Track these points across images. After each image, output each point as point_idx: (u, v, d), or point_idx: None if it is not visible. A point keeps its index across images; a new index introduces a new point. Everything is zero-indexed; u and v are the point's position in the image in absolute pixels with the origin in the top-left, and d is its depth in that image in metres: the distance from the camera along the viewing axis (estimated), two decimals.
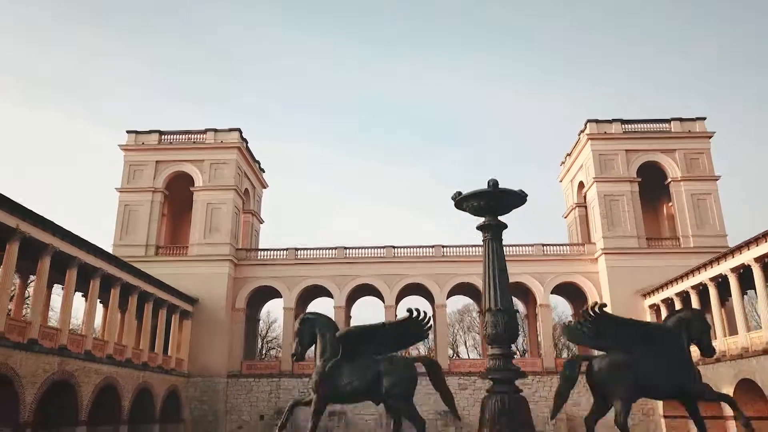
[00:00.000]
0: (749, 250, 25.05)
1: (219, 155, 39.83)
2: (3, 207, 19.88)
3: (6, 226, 20.31)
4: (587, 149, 39.79)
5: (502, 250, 8.45)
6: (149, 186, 39.16)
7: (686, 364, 8.85)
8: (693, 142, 38.94)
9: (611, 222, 37.64)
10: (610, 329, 8.56)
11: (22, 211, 20.79)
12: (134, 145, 40.17)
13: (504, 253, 8.54)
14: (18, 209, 20.59)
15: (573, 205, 43.18)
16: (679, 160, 38.49)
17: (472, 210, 8.32)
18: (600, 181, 38.54)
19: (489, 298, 8.32)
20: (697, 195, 37.77)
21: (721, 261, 27.58)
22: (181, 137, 40.76)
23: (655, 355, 8.67)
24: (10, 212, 20.31)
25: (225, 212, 38.77)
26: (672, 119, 39.61)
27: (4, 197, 19.71)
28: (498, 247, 8.26)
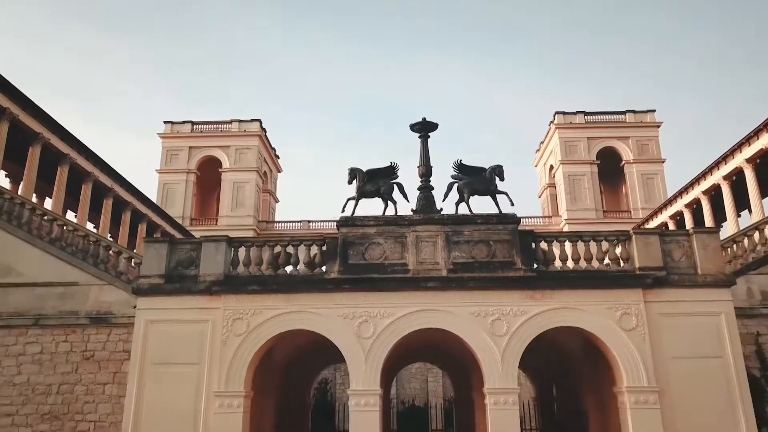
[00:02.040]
0: (681, 198, 34.50)
1: (243, 142, 48.17)
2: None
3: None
4: (555, 137, 48.16)
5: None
6: (184, 168, 47.48)
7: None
8: (644, 131, 47.35)
9: (574, 198, 46.00)
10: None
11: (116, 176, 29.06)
12: (170, 133, 48.50)
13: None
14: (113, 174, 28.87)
15: (545, 186, 51.54)
16: (632, 145, 46.88)
17: (417, 129, 15.21)
18: (565, 163, 46.91)
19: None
20: (646, 175, 46.16)
21: (659, 213, 36.64)
22: (210, 127, 49.10)
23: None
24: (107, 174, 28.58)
25: (248, 190, 47.09)
26: (627, 111, 48.02)
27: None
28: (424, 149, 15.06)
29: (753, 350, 15.26)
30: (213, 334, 12.03)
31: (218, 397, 11.64)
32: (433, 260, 12.44)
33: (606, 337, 11.84)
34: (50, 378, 15.66)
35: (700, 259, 12.32)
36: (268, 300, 12.19)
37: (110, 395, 15.51)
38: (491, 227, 12.64)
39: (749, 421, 11.41)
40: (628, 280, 12.05)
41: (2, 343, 15.97)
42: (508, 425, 11.33)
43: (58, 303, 16.28)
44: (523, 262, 12.26)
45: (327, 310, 12.10)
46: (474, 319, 11.91)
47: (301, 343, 15.12)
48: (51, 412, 15.39)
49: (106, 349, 15.90)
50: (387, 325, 11.97)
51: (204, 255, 12.60)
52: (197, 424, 11.58)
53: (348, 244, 12.65)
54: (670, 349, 11.69)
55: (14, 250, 16.80)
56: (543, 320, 11.96)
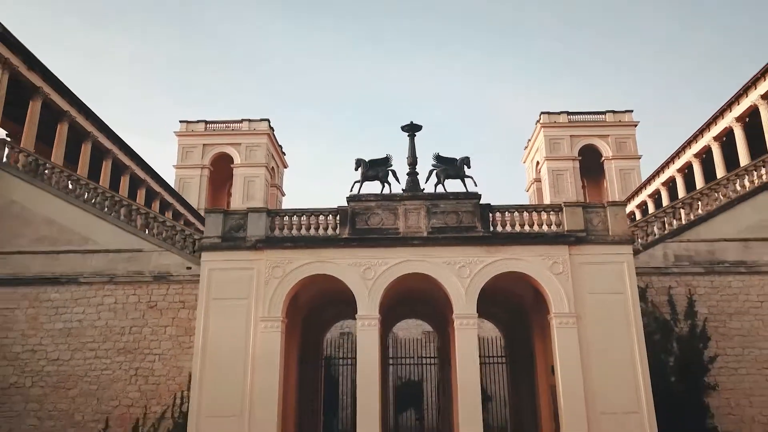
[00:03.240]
0: (659, 177, 39.31)
1: (253, 140, 53.03)
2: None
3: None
4: (541, 135, 53.04)
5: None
6: (198, 163, 52.34)
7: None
8: (622, 130, 52.21)
9: (557, 191, 50.86)
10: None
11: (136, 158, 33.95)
12: (186, 132, 53.35)
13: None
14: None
15: (532, 180, 56.43)
16: (611, 143, 51.76)
17: (407, 129, 20.26)
18: (550, 159, 51.78)
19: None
20: (623, 170, 51.04)
21: (639, 193, 41.63)
22: (222, 126, 53.96)
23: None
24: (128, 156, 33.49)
25: (258, 184, 51.96)
26: (607, 111, 52.89)
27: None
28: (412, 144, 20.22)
29: (666, 299, 20.30)
30: (258, 277, 16.98)
31: (263, 321, 16.58)
32: (417, 225, 17.39)
33: (541, 279, 16.77)
34: (123, 322, 20.63)
35: (611, 224, 17.28)
36: (297, 253, 17.14)
37: (170, 335, 20.49)
38: (460, 201, 17.60)
39: (639, 337, 16.35)
40: (558, 239, 16.98)
41: (85, 295, 20.94)
42: (469, 339, 16.31)
43: (127, 265, 21.25)
44: (482, 226, 17.22)
45: (341, 260, 17.04)
46: (446, 266, 16.85)
47: (317, 294, 20.07)
48: (125, 348, 20.36)
49: (166, 300, 20.87)
50: (384, 270, 16.91)
51: (250, 222, 17.55)
52: (248, 340, 16.53)
53: (355, 214, 17.60)
54: (586, 287, 16.63)
55: (90, 225, 21.76)
56: (496, 267, 16.90)
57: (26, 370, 20.26)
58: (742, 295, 20.29)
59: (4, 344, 20.52)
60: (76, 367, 20.23)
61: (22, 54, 24.38)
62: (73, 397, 19.95)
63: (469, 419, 15.95)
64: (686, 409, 18.69)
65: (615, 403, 15.82)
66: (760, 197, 21.22)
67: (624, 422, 15.64)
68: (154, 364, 20.19)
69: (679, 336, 19.77)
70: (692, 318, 19.99)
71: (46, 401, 19.94)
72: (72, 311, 20.80)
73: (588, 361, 16.09)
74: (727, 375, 19.47)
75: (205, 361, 16.50)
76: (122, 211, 22.18)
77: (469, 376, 16.19)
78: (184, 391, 19.49)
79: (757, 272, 20.37)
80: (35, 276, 21.09)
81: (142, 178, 34.97)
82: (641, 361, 16.13)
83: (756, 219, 21.00)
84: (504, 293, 20.19)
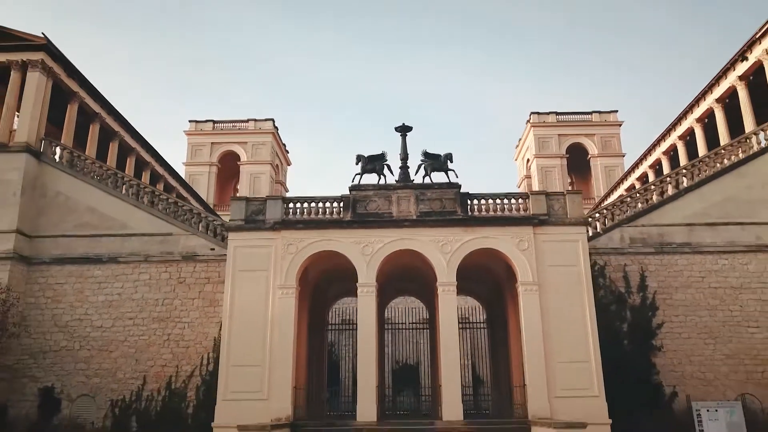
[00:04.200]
0: (645, 163, 42.62)
1: (258, 138, 56.83)
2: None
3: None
4: (531, 134, 56.84)
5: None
6: (207, 161, 56.14)
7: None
8: (607, 129, 56.02)
9: (546, 187, 54.31)
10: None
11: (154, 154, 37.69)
12: (195, 131, 57.15)
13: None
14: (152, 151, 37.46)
15: (523, 177, 60.20)
16: (597, 142, 55.55)
17: (400, 129, 24.12)
18: (539, 157, 55.57)
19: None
20: (608, 167, 54.80)
21: (618, 187, 45.01)
22: (229, 125, 57.74)
23: None
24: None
25: (263, 180, 55.73)
26: (593, 112, 56.69)
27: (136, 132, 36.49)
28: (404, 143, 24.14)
29: (622, 275, 24.06)
30: (275, 252, 20.74)
31: (280, 288, 20.35)
32: (408, 210, 21.14)
33: (510, 254, 20.53)
34: (157, 295, 24.40)
35: (569, 209, 21.04)
36: (308, 233, 20.90)
37: (197, 306, 24.25)
38: (443, 190, 21.37)
39: (590, 301, 20.11)
40: (524, 221, 20.74)
41: (124, 272, 24.72)
42: (450, 302, 20.12)
43: (159, 246, 25.01)
44: (462, 211, 20.99)
45: (344, 239, 20.80)
46: (431, 244, 20.61)
47: (323, 272, 23.80)
48: (159, 317, 24.12)
49: (193, 276, 24.63)
50: (380, 247, 20.67)
51: (268, 207, 21.32)
52: (267, 303, 20.31)
53: (356, 201, 21.36)
54: (547, 260, 20.38)
55: (127, 212, 25.52)
56: (472, 244, 20.66)
57: (75, 335, 24.03)
58: (686, 271, 24.07)
59: (55, 314, 24.30)
60: (117, 333, 24.01)
61: (62, 63, 28.07)
62: (115, 358, 23.72)
63: (450, 375, 19.71)
64: (636, 367, 22.47)
65: (569, 355, 19.57)
66: (704, 188, 24.98)
67: (576, 369, 19.40)
68: (184, 331, 23.96)
69: (632, 306, 23.55)
70: (644, 291, 23.75)
71: (92, 362, 23.71)
72: (113, 286, 24.57)
73: (547, 320, 19.85)
74: (672, 339, 23.23)
75: (232, 321, 20.27)
76: (154, 200, 25.93)
77: (450, 333, 19.98)
78: (209, 353, 23.28)
79: (699, 252, 24.14)
80: (80, 256, 24.87)
81: (160, 173, 38.70)
82: (591, 320, 19.89)
83: (700, 207, 24.76)
84: (483, 270, 23.94)
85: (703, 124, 32.97)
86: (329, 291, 26.95)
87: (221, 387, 19.74)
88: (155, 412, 22.84)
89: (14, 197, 24.91)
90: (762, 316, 23.34)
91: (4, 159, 25.39)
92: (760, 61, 26.92)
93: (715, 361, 23.00)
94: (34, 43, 26.87)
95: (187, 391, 23.04)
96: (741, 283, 23.78)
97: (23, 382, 23.49)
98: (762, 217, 24.45)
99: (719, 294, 23.70)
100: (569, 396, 19.03)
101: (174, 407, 22.86)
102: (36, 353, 23.79)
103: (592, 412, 18.46)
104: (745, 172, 25.13)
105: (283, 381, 19.50)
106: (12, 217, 24.68)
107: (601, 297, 23.34)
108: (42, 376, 23.58)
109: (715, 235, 24.33)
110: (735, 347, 23.09)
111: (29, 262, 24.77)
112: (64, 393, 23.36)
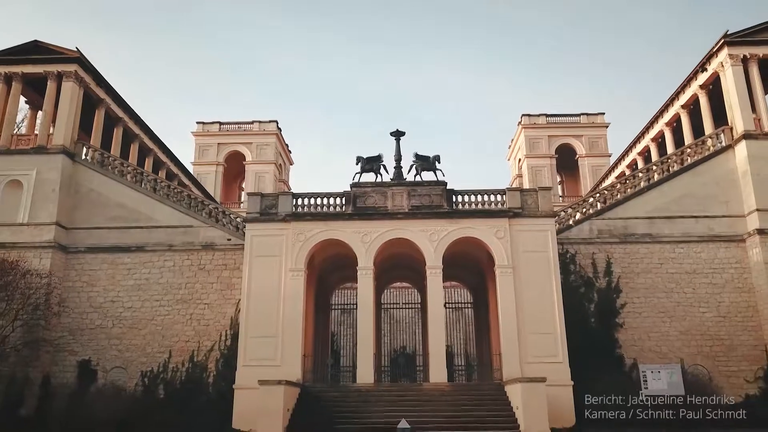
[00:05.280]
0: (623, 162, 46.07)
1: (262, 139, 60.39)
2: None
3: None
4: (522, 135, 60.43)
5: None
6: (213, 161, 59.69)
7: None
8: (594, 130, 59.59)
9: (535, 185, 57.82)
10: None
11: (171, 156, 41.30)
12: (202, 132, 60.72)
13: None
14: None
15: (515, 176, 63.77)
16: (585, 142, 59.13)
17: (394, 134, 27.77)
18: (529, 157, 59.17)
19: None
20: (595, 167, 58.34)
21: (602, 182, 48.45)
22: (234, 126, 61.34)
23: None
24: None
25: (267, 179, 59.26)
26: (581, 114, 60.32)
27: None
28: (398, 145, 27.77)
29: (590, 262, 27.69)
30: (287, 240, 24.39)
31: (291, 271, 24.00)
32: (401, 204, 24.78)
33: (489, 242, 24.18)
34: (180, 279, 28.00)
35: (540, 203, 24.69)
36: (314, 224, 24.56)
37: (216, 289, 27.86)
38: (432, 188, 25.02)
39: (557, 282, 23.78)
40: (501, 214, 24.38)
41: (150, 260, 28.34)
42: (437, 283, 23.84)
43: (182, 237, 28.63)
44: (448, 205, 24.67)
45: (346, 229, 24.46)
46: (421, 233, 24.26)
47: (327, 260, 27.42)
48: (182, 299, 27.73)
49: (212, 263, 28.24)
50: (376, 236, 24.32)
51: (280, 202, 24.98)
52: (280, 284, 23.98)
53: (356, 196, 24.99)
54: (520, 247, 24.03)
55: (153, 207, 29.13)
56: (456, 234, 24.35)
57: (108, 315, 27.65)
58: (646, 259, 27.72)
59: (90, 296, 27.92)
60: (145, 313, 27.63)
61: (92, 73, 31.66)
62: (144, 335, 27.34)
63: (437, 345, 23.40)
64: (602, 341, 26.12)
65: (538, 327, 23.22)
66: (664, 186, 28.65)
67: (544, 339, 23.05)
68: (204, 311, 27.57)
69: (599, 289, 27.20)
70: (609, 276, 27.40)
71: (124, 338, 27.33)
72: (140, 271, 28.20)
73: (520, 298, 23.51)
74: (633, 317, 26.88)
75: (250, 299, 23.93)
76: (177, 197, 29.57)
77: (437, 310, 23.71)
78: (227, 330, 26.90)
79: (658, 242, 27.80)
80: (112, 245, 28.51)
81: (174, 172, 42.28)
82: (557, 298, 23.55)
83: (660, 202, 28.42)
84: (469, 259, 27.60)
85: (672, 127, 36.49)
86: (332, 277, 30.58)
87: (241, 355, 23.39)
88: (180, 381, 26.45)
89: (53, 194, 28.54)
90: (711, 298, 27.03)
91: (44, 160, 29.03)
92: (717, 72, 30.51)
93: (670, 337, 26.66)
94: (68, 56, 30.51)
95: (208, 363, 26.67)
96: (694, 269, 27.45)
97: (63, 355, 27.10)
98: (714, 211, 28.14)
99: (675, 278, 27.37)
100: (538, 362, 22.68)
101: (196, 377, 26.48)
102: (74, 330, 27.40)
103: (558, 376, 22.13)
104: (700, 171, 28.82)
105: (294, 350, 23.17)
106: (52, 210, 28.31)
107: (572, 281, 27.07)
108: (80, 350, 27.20)
109: (673, 227, 27.99)
110: (688, 325, 26.76)
111: (67, 251, 28.39)
112: (100, 365, 26.98)
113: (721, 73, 30.22)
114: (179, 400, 25.26)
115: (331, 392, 22.93)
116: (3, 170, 29.03)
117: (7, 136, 30.10)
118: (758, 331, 26.55)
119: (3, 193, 28.69)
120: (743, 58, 29.49)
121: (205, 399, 25.41)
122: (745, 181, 28.01)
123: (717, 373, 25.96)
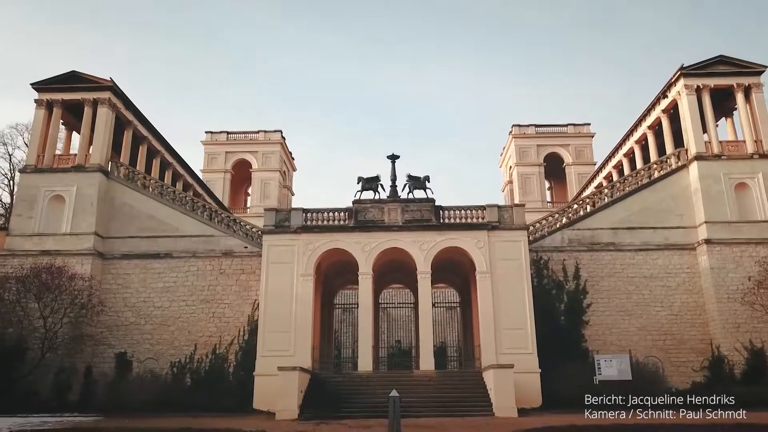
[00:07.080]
0: (601, 173, 50.42)
1: (268, 148, 64.96)
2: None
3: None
4: (512, 144, 65.02)
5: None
6: (221, 168, 64.25)
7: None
8: (581, 140, 64.18)
9: (525, 192, 62.77)
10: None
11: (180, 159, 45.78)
12: (210, 141, 65.29)
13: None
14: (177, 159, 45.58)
15: (506, 182, 68.39)
16: (571, 151, 63.72)
17: (390, 157, 32.36)
18: (519, 165, 63.74)
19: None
20: (581, 174, 62.86)
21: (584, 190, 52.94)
22: (241, 136, 65.89)
23: None
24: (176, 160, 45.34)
25: (272, 186, 63.87)
26: (568, 124, 64.88)
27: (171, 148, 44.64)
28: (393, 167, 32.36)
29: (561, 267, 32.25)
30: (298, 250, 28.97)
31: (302, 276, 28.59)
32: (396, 219, 29.36)
33: (471, 251, 28.77)
34: (203, 282, 32.55)
35: (515, 217, 29.29)
36: (321, 236, 29.15)
37: (235, 291, 32.40)
38: (422, 204, 29.63)
39: (528, 285, 28.37)
40: (482, 227, 28.97)
41: (177, 265, 32.88)
42: (426, 286, 28.49)
43: (205, 245, 33.18)
44: (436, 219, 29.28)
45: (348, 240, 29.04)
46: (413, 243, 28.87)
47: (332, 266, 31.96)
48: (205, 299, 32.29)
49: (231, 268, 32.78)
50: (375, 246, 28.92)
51: (292, 216, 29.56)
52: (293, 287, 28.58)
53: (357, 211, 29.57)
54: (497, 255, 28.62)
55: (179, 219, 33.67)
56: (443, 243, 28.96)
57: (141, 314, 32.19)
58: (610, 264, 32.30)
59: (125, 297, 32.46)
60: (173, 312, 32.16)
61: (122, 99, 36.18)
62: (172, 331, 31.88)
63: (426, 337, 27.95)
64: (570, 336, 30.68)
65: (512, 324, 27.78)
66: (627, 200, 33.25)
67: (516, 334, 27.63)
68: (225, 310, 32.09)
69: (568, 291, 31.77)
70: (577, 279, 31.96)
71: (155, 333, 31.86)
72: (169, 275, 32.73)
73: (497, 299, 28.08)
74: (597, 315, 31.45)
75: (267, 299, 28.51)
76: (200, 210, 34.13)
77: (426, 308, 28.38)
78: (245, 326, 31.42)
79: (621, 250, 32.38)
80: (143, 252, 33.05)
81: (190, 182, 46.83)
82: (528, 299, 28.13)
83: (623, 215, 33.01)
84: (456, 264, 32.17)
85: (641, 144, 41.07)
86: (336, 281, 35.18)
87: (260, 347, 27.96)
88: (204, 370, 30.99)
89: (92, 207, 33.08)
90: (666, 299, 31.62)
91: (83, 177, 33.58)
92: (675, 100, 35.06)
93: (629, 333, 31.25)
94: (102, 84, 35.05)
95: (228, 355, 31.19)
96: (651, 273, 32.05)
97: (102, 348, 31.64)
98: (670, 222, 32.73)
99: (634, 282, 31.95)
100: (511, 353, 27.20)
101: (218, 367, 31.01)
102: (111, 327, 31.93)
103: (528, 365, 26.71)
104: (658, 188, 33.43)
105: (305, 342, 27.74)
106: (90, 221, 32.87)
107: (545, 284, 31.65)
108: (117, 344, 31.73)
109: (634, 237, 32.58)
110: (645, 322, 31.34)
111: (104, 257, 32.95)
112: (134, 357, 31.51)
113: (679, 101, 34.80)
114: (204, 386, 29.77)
115: (336, 378, 27.54)
116: (48, 186, 33.61)
117: (50, 156, 34.66)
118: (705, 327, 31.17)
119: (48, 207, 33.27)
120: (697, 88, 34.10)
121: (226, 385, 29.90)
122: (696, 197, 32.60)
123: (669, 363, 30.59)
